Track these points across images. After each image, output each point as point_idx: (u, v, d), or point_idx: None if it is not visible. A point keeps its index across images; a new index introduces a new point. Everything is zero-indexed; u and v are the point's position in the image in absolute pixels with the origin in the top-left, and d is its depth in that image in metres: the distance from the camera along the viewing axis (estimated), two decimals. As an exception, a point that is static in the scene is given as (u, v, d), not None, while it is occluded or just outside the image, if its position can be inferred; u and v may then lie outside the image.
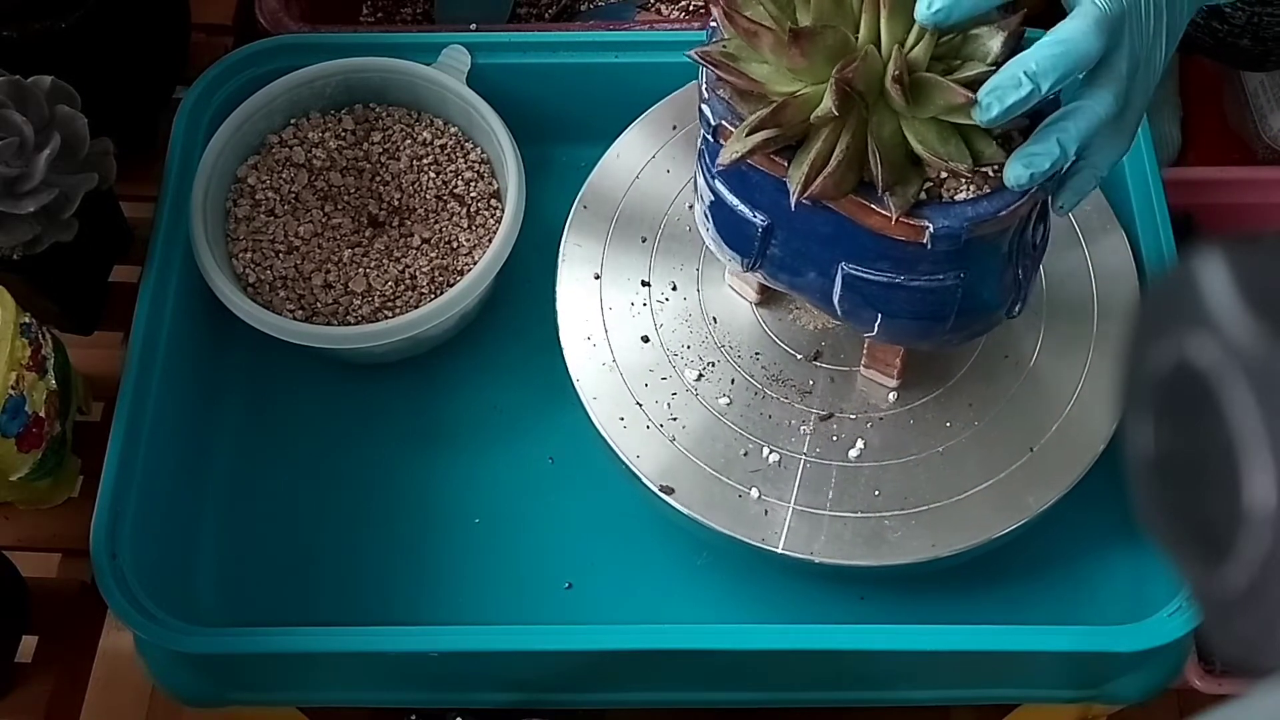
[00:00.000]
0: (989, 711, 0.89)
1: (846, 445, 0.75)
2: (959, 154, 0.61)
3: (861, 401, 0.76)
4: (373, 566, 0.79)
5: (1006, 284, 0.67)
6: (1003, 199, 0.62)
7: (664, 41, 0.89)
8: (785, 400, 0.76)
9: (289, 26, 0.92)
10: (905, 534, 0.72)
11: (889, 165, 0.61)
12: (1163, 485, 0.35)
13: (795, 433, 0.75)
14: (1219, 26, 0.89)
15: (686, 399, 0.76)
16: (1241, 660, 0.33)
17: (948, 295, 0.65)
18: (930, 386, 0.76)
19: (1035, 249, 0.69)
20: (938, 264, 0.64)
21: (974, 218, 0.62)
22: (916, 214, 0.62)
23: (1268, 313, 0.32)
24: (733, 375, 0.77)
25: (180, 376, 0.80)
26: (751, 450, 0.74)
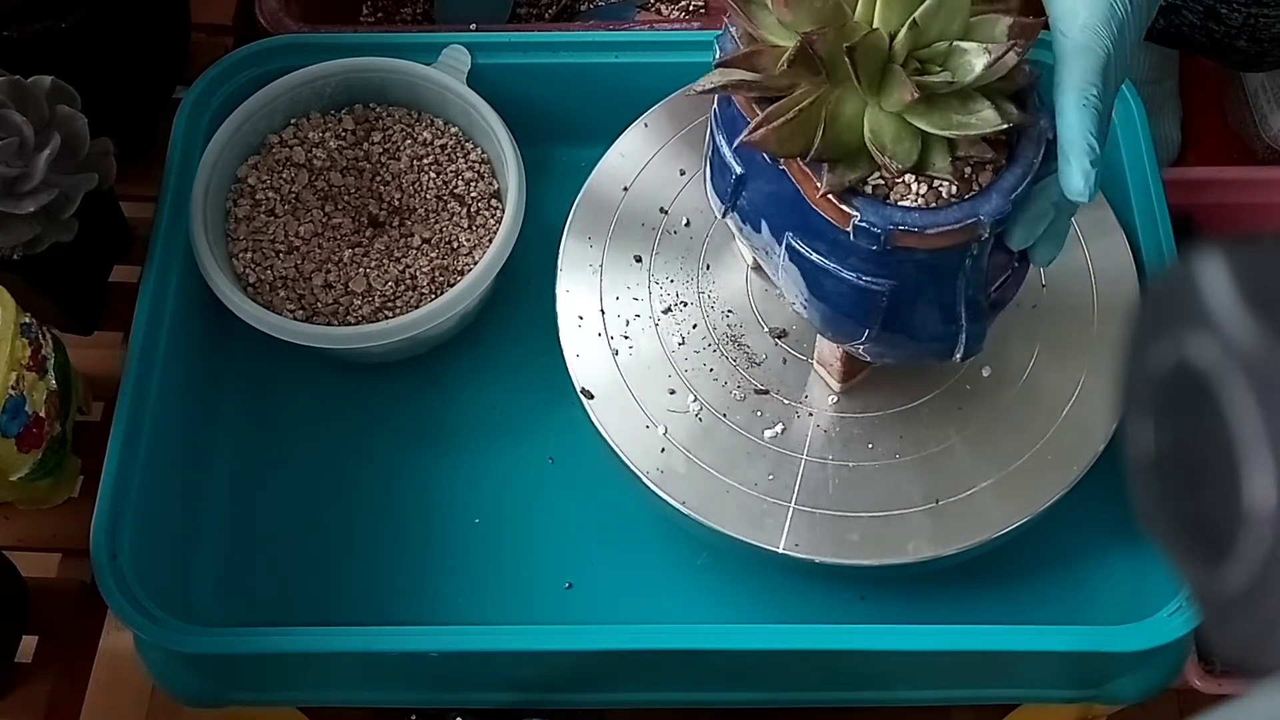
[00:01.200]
0: (989, 711, 0.89)
1: (766, 425, 0.75)
2: (904, 155, 0.60)
3: (800, 390, 0.76)
4: (373, 566, 0.79)
5: (940, 317, 0.66)
6: (934, 217, 0.61)
7: (664, 41, 0.89)
8: (732, 361, 0.77)
9: (289, 26, 0.92)
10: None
11: (833, 140, 0.60)
12: (1163, 485, 0.35)
13: (726, 395, 0.76)
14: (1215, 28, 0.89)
15: (645, 324, 0.77)
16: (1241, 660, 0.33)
17: (872, 300, 0.64)
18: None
19: (986, 298, 0.67)
20: (864, 262, 0.63)
21: (898, 223, 0.61)
22: (847, 200, 0.61)
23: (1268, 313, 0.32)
24: (696, 320, 0.78)
25: (180, 376, 0.80)
26: (678, 393, 0.75)
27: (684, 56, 0.87)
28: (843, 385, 0.76)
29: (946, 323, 0.66)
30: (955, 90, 0.59)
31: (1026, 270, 0.69)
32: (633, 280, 0.80)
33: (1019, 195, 0.61)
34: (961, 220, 0.61)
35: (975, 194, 0.62)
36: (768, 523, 0.72)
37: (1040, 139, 0.62)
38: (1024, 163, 0.62)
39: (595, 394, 0.76)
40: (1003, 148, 0.62)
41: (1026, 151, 0.62)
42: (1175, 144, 1.10)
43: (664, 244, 0.81)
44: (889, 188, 0.62)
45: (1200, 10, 0.89)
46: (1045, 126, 0.62)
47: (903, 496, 0.73)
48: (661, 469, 0.74)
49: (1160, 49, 1.06)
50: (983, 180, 0.62)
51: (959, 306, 0.65)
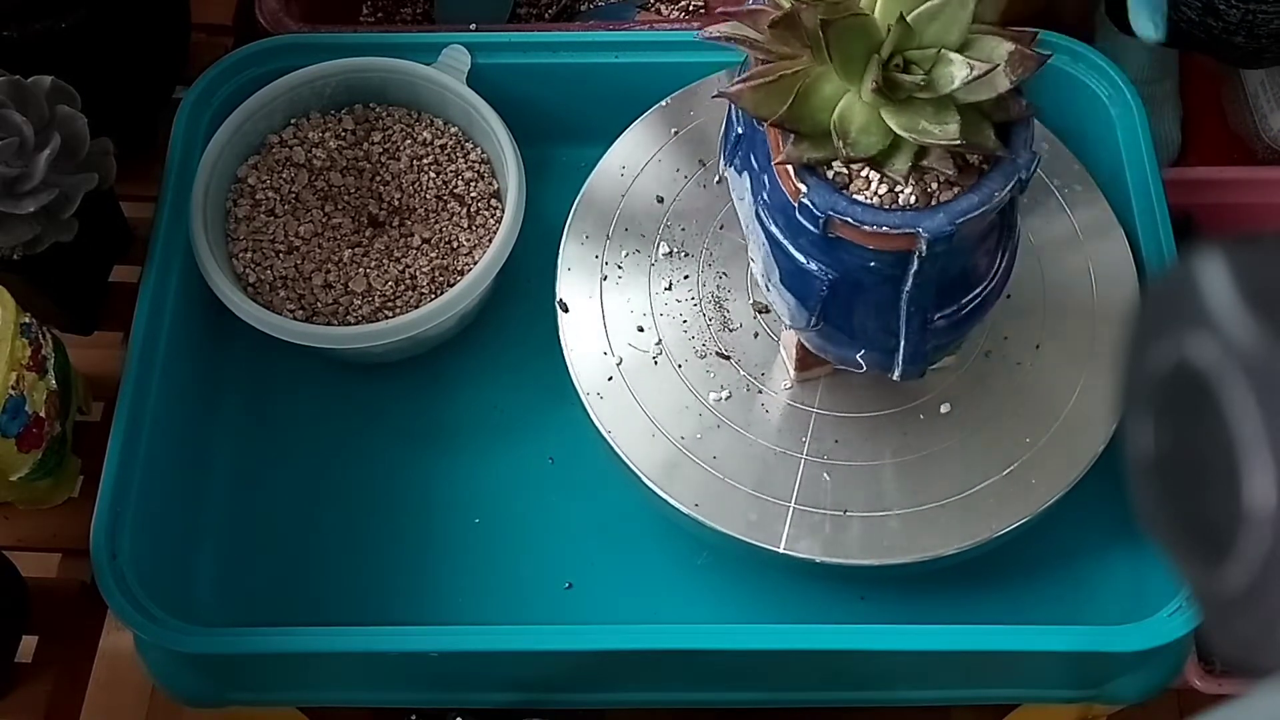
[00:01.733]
0: (989, 711, 0.89)
1: (711, 389, 0.76)
2: (863, 145, 0.60)
3: (760, 368, 0.77)
4: (373, 566, 0.79)
5: (879, 325, 0.66)
6: (874, 216, 0.61)
7: (664, 41, 0.89)
8: (708, 320, 0.78)
9: (289, 26, 0.92)
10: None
11: (804, 116, 0.60)
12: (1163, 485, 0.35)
13: (689, 347, 0.77)
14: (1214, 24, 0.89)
15: (641, 261, 0.79)
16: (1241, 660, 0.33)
17: (813, 285, 0.64)
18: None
19: (932, 321, 0.66)
20: (811, 245, 0.63)
21: (840, 211, 0.61)
22: (802, 176, 0.61)
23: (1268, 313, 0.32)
24: (689, 271, 0.80)
25: (180, 376, 0.80)
26: (646, 332, 0.78)
27: (684, 56, 0.87)
28: (798, 374, 0.76)
29: (885, 333, 0.66)
30: (932, 98, 0.59)
31: (988, 308, 0.68)
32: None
33: (965, 221, 0.60)
34: (899, 227, 0.61)
35: (924, 208, 0.61)
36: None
37: (1012, 175, 0.61)
38: (984, 192, 0.61)
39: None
40: (972, 172, 0.62)
41: (992, 182, 0.61)
42: (1175, 144, 1.10)
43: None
44: (850, 178, 0.62)
45: (1199, 6, 0.89)
46: (1020, 164, 0.61)
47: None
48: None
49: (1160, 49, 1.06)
50: (943, 198, 0.61)
51: (898, 320, 0.65)
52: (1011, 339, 0.78)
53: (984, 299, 0.67)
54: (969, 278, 0.66)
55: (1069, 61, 0.88)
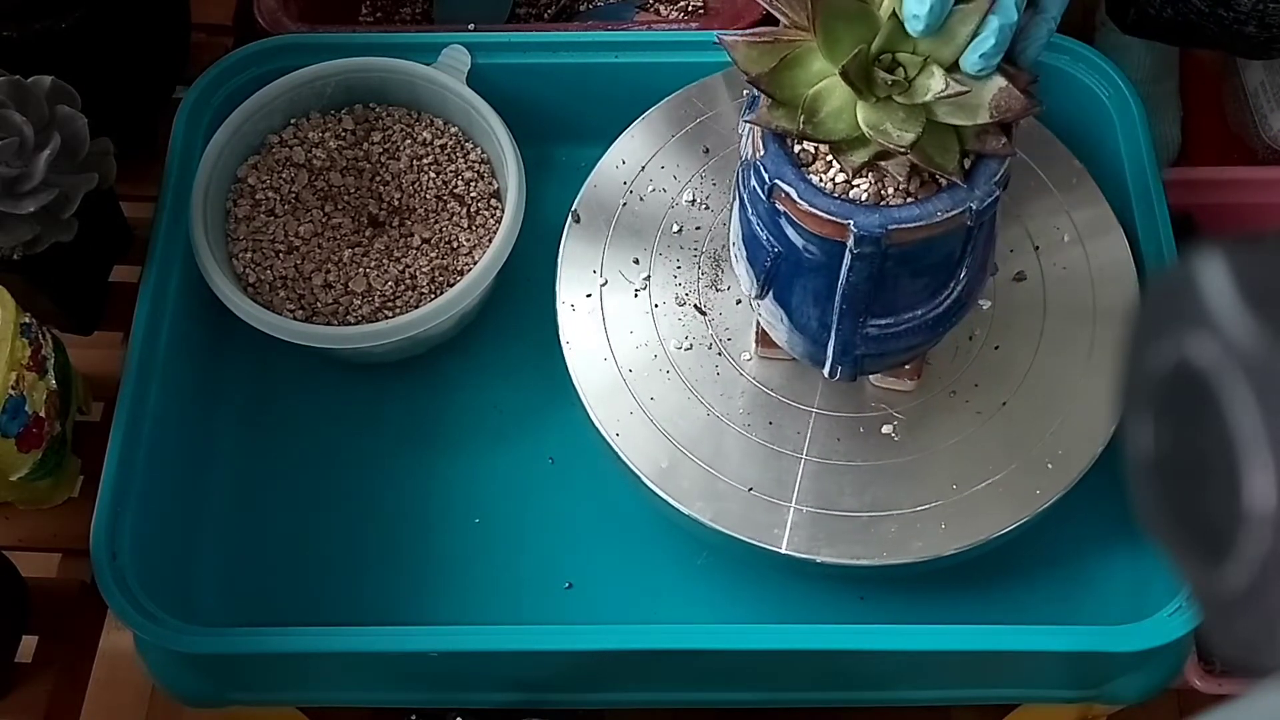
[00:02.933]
0: (989, 711, 0.89)
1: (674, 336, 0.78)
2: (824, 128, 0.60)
3: (730, 331, 0.78)
4: (373, 566, 0.79)
5: (814, 312, 0.66)
6: (810, 194, 0.61)
7: (664, 41, 0.89)
8: (700, 273, 0.80)
9: (287, 26, 0.92)
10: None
11: (784, 83, 0.60)
12: (1163, 485, 0.35)
13: (671, 292, 0.79)
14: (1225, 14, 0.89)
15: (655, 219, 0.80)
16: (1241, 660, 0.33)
17: (761, 254, 0.66)
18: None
19: (863, 326, 0.66)
20: (764, 213, 0.64)
21: (782, 178, 0.61)
22: (766, 140, 0.62)
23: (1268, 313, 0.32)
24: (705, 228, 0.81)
25: (180, 376, 0.80)
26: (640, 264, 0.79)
27: (684, 56, 0.87)
28: (760, 349, 0.77)
29: (820, 325, 0.67)
30: (906, 104, 0.59)
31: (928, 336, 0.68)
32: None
33: (898, 229, 0.60)
34: (832, 214, 0.61)
35: (862, 204, 0.61)
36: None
37: (961, 202, 0.61)
38: (926, 209, 0.61)
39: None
40: (931, 189, 0.62)
41: (939, 202, 0.61)
42: (1175, 144, 1.10)
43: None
44: (814, 158, 0.62)
45: None
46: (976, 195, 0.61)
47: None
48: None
49: (1160, 48, 1.06)
50: (892, 205, 0.61)
51: (831, 314, 0.65)
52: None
53: (928, 322, 0.67)
54: (911, 294, 0.66)
55: (1069, 61, 0.88)
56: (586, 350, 0.77)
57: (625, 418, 0.75)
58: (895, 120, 0.59)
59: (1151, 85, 1.08)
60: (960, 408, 0.76)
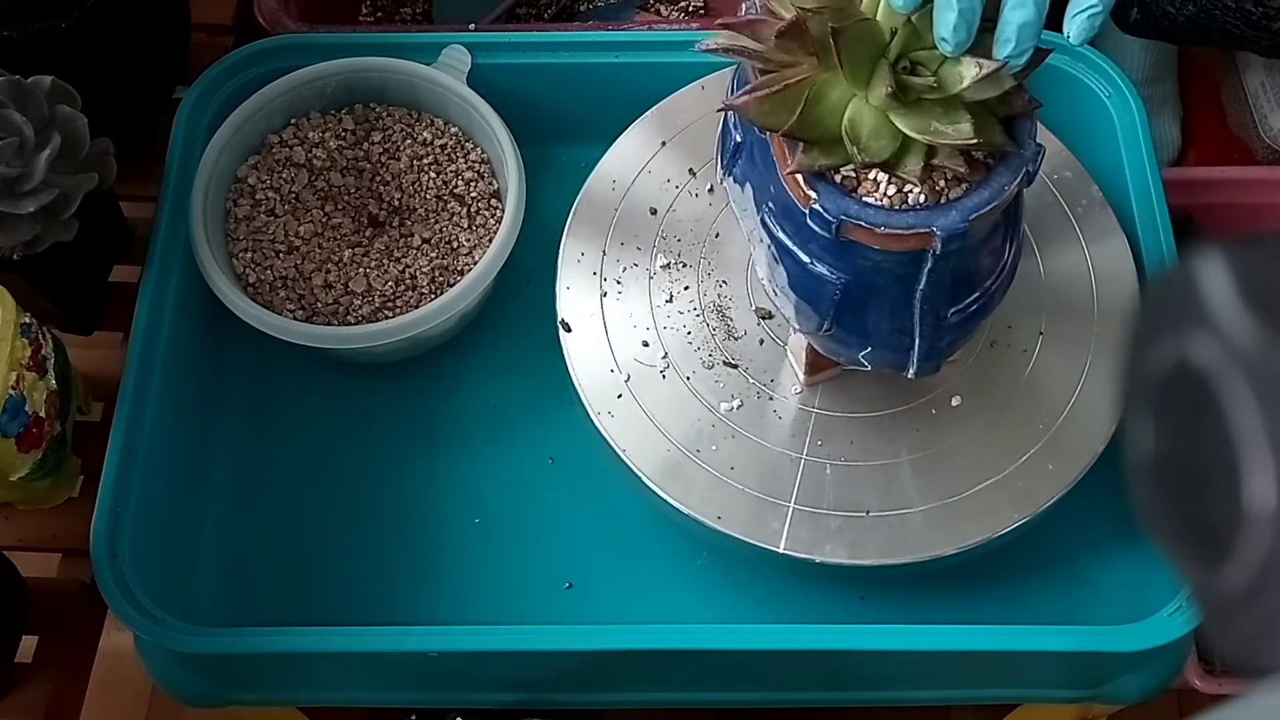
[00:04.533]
0: (989, 711, 0.89)
1: (721, 398, 0.75)
2: (875, 150, 0.60)
3: (768, 374, 0.77)
4: (373, 566, 0.79)
5: (893, 325, 0.66)
6: (886, 217, 0.61)
7: (664, 41, 0.89)
8: (711, 330, 0.77)
9: (288, 26, 0.92)
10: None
11: (813, 123, 0.60)
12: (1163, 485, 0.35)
13: (694, 358, 0.77)
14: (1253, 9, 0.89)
15: (640, 275, 0.78)
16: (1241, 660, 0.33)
17: (826, 289, 0.65)
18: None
19: (945, 317, 0.66)
20: (822, 250, 0.64)
21: (852, 215, 0.61)
22: (812, 183, 0.62)
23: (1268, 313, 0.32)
24: (688, 283, 0.79)
25: (180, 376, 0.80)
26: (651, 346, 0.77)
27: (684, 57, 0.87)
28: (808, 378, 0.76)
29: (899, 332, 0.66)
30: (941, 98, 0.59)
31: (996, 302, 0.68)
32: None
33: (978, 217, 0.61)
34: (913, 227, 0.61)
35: (935, 206, 0.61)
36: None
37: (1019, 169, 0.61)
38: (994, 187, 0.61)
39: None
40: (980, 168, 0.62)
41: (1001, 177, 0.62)
42: (1175, 144, 1.10)
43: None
44: (859, 181, 0.62)
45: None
46: (1027, 158, 0.62)
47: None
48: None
49: (1160, 48, 1.06)
50: (953, 195, 0.62)
51: (913, 318, 0.65)
52: (1011, 340, 0.78)
53: (994, 292, 0.68)
54: (979, 272, 0.66)
55: (1069, 61, 0.88)
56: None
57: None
58: (939, 118, 0.59)
59: (1151, 85, 1.08)
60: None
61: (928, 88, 0.59)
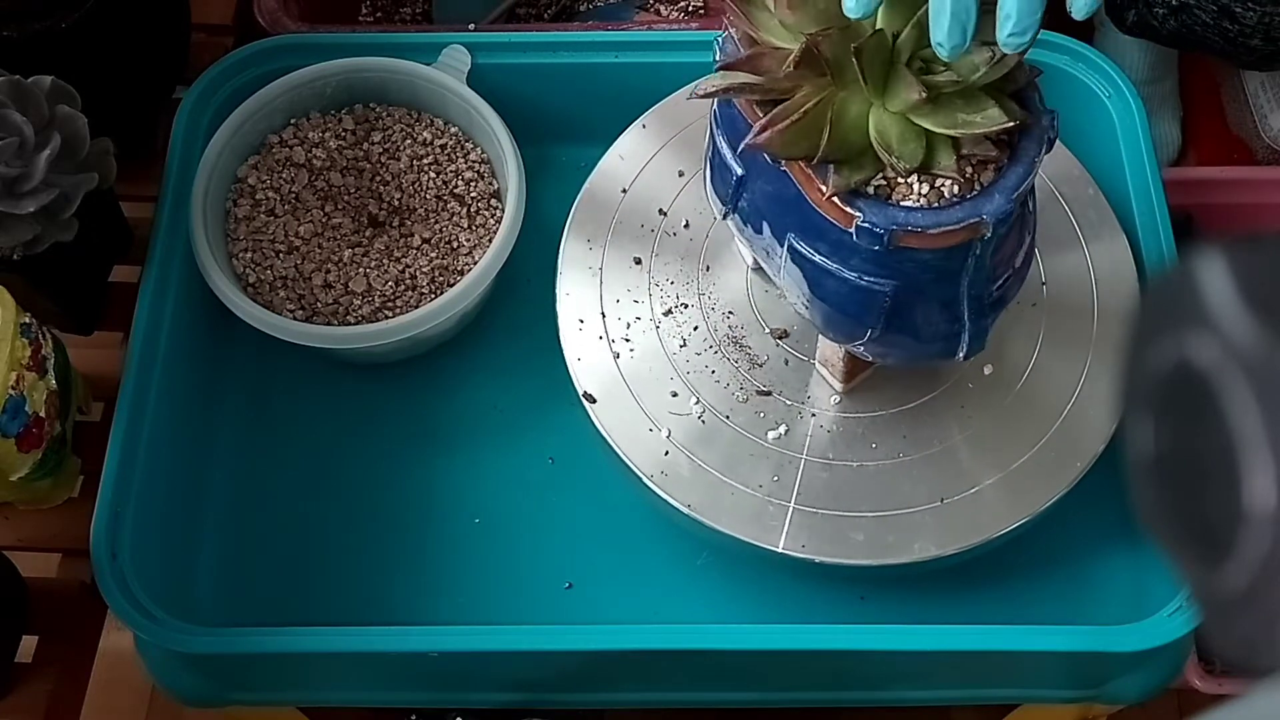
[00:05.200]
0: (989, 711, 0.89)
1: (768, 426, 0.75)
2: (909, 155, 0.60)
3: (803, 391, 0.76)
4: (373, 566, 0.79)
5: (943, 316, 0.66)
6: (937, 217, 0.61)
7: (664, 41, 0.89)
8: (734, 363, 0.77)
9: (287, 26, 0.92)
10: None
11: (839, 142, 0.60)
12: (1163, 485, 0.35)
13: (728, 396, 0.76)
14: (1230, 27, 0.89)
15: (646, 327, 0.77)
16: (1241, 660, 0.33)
17: (874, 300, 0.64)
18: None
19: (989, 297, 0.67)
20: (866, 263, 0.63)
21: (902, 223, 0.61)
22: (850, 201, 0.61)
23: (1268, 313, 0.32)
24: (697, 322, 0.78)
25: (180, 376, 0.80)
26: (681, 396, 0.75)
27: (683, 56, 0.87)
28: (845, 385, 0.76)
29: (950, 321, 0.66)
30: (960, 89, 0.60)
31: (1028, 268, 0.69)
32: (633, 281, 0.80)
33: (1019, 194, 0.61)
34: (965, 220, 0.61)
35: (978, 193, 0.62)
36: (768, 523, 0.72)
37: (1042, 137, 0.62)
38: (1026, 161, 0.62)
39: (597, 397, 0.76)
40: (1004, 146, 0.62)
41: (1028, 150, 0.62)
42: (1175, 144, 1.10)
43: (664, 245, 0.81)
44: (891, 188, 0.62)
45: (1214, 10, 0.89)
46: (1045, 126, 0.62)
47: (903, 496, 0.73)
48: (662, 470, 0.73)
49: (1160, 49, 1.06)
50: (984, 179, 0.62)
51: (962, 305, 0.66)
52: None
53: (1026, 256, 0.68)
54: (1016, 239, 0.67)
55: (1069, 61, 0.88)
56: (618, 416, 0.76)
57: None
58: (963, 109, 0.60)
59: (1151, 85, 1.08)
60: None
61: (950, 83, 0.59)
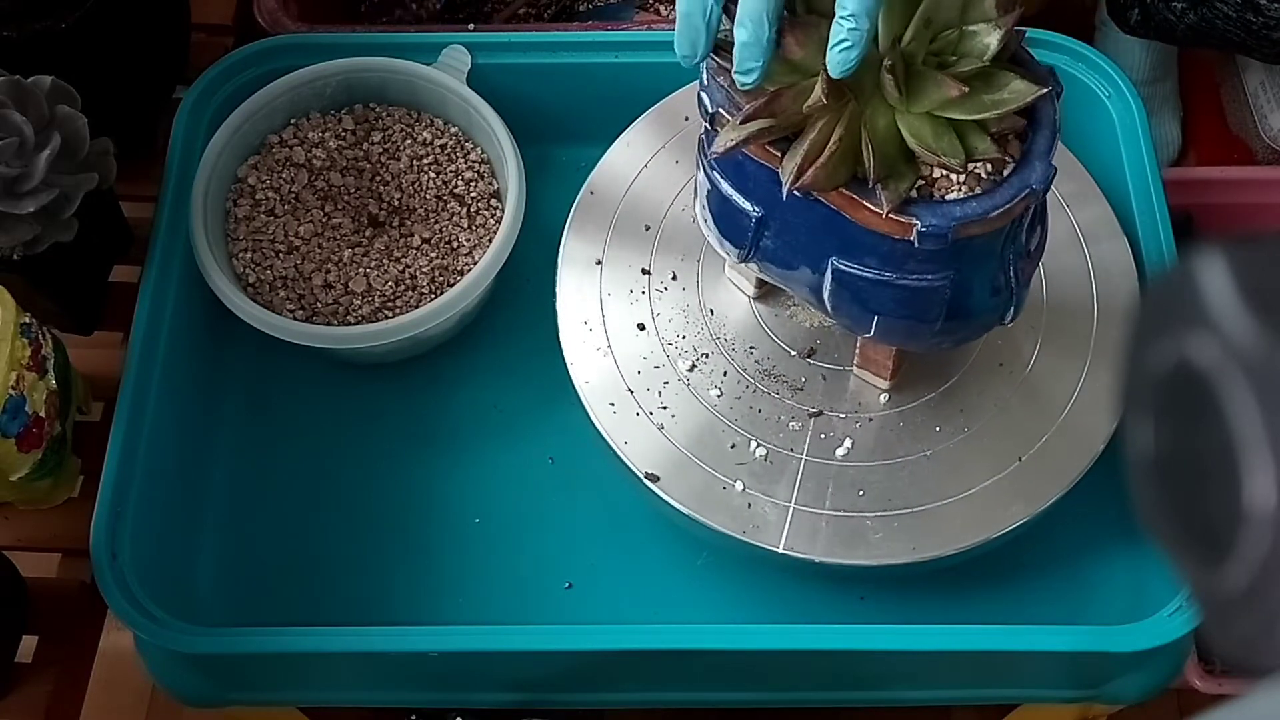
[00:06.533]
0: (989, 711, 0.89)
1: (834, 444, 0.74)
2: (952, 149, 0.60)
3: (853, 401, 0.76)
4: (373, 566, 0.79)
5: (997, 288, 0.67)
6: (992, 200, 0.62)
7: (664, 41, 0.88)
8: (776, 396, 0.76)
9: (287, 26, 0.92)
10: (905, 534, 0.72)
11: (882, 158, 0.61)
12: (1163, 485, 0.35)
13: (784, 429, 0.75)
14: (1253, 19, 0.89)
15: (678, 389, 0.76)
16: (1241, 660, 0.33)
17: (935, 296, 0.65)
18: (925, 389, 0.76)
19: (1030, 254, 0.68)
20: (925, 263, 0.64)
21: (962, 217, 0.61)
22: (906, 210, 0.62)
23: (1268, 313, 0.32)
24: (725, 368, 0.77)
25: (180, 376, 0.80)
26: (739, 444, 0.74)
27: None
28: (891, 381, 0.76)
29: (999, 292, 0.67)
30: (980, 72, 0.60)
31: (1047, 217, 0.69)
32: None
33: (1053, 153, 0.62)
34: (1017, 195, 0.62)
35: (1015, 166, 0.62)
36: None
37: (1051, 97, 0.62)
38: (1048, 123, 0.63)
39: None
40: (1023, 112, 0.63)
41: (1046, 112, 0.63)
42: (1175, 144, 1.10)
43: (660, 302, 0.78)
44: (930, 186, 0.62)
45: (1238, 2, 0.89)
46: (1051, 82, 0.62)
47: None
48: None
49: (1160, 48, 1.06)
50: (1012, 151, 0.62)
51: (1009, 274, 0.66)
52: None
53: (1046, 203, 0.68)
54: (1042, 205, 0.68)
55: (1069, 61, 0.88)
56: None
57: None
58: (990, 90, 0.60)
59: (1151, 85, 1.08)
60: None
61: (972, 71, 0.59)
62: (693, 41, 0.62)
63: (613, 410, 0.75)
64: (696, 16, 0.61)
